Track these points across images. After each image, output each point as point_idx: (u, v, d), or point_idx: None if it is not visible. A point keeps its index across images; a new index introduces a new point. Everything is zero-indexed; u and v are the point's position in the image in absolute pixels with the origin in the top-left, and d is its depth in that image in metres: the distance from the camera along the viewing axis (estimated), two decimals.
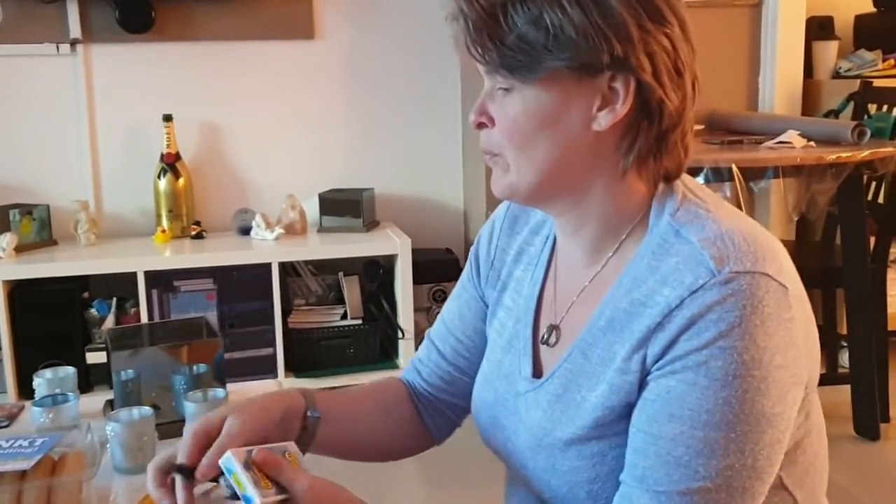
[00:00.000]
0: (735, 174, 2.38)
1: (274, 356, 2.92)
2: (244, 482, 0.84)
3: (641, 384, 0.83)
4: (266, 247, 2.96)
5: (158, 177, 3.01)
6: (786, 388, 0.80)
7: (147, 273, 2.80)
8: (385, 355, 3.07)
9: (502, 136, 0.88)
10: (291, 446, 0.93)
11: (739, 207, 2.46)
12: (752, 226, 0.86)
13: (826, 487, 0.97)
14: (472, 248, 1.11)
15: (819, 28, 3.40)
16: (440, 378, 1.13)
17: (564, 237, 0.97)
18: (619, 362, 0.85)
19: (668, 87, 0.85)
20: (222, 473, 0.86)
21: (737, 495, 0.79)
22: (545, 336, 0.97)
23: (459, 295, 1.13)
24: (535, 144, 0.87)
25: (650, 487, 0.81)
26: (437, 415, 1.15)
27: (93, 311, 2.86)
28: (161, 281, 2.88)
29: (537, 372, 0.96)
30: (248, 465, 0.85)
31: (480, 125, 0.90)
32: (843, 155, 2.43)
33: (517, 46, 0.83)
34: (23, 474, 1.08)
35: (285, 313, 2.98)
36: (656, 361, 0.82)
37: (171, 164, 3.00)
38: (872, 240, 2.74)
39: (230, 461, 0.85)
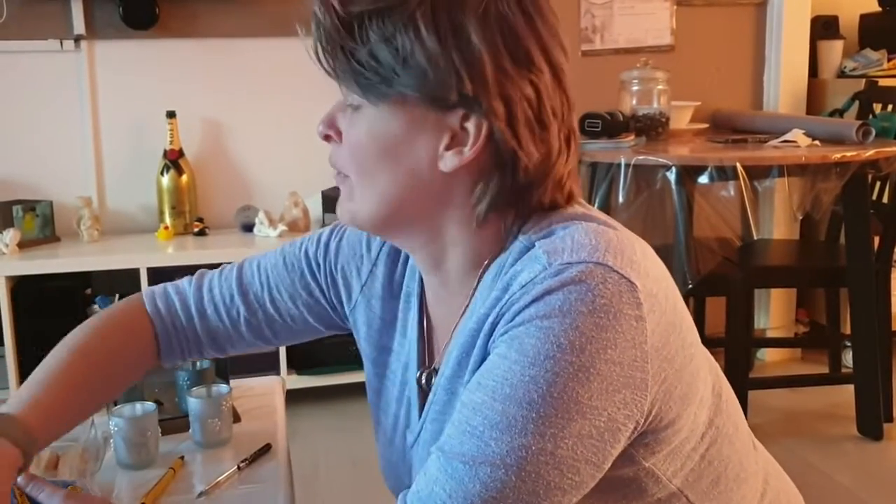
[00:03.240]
0: (739, 173, 2.38)
1: (276, 353, 2.91)
2: None
3: None
4: (269, 244, 2.95)
5: (161, 173, 3.01)
6: (615, 386, 0.73)
7: (150, 270, 2.80)
8: None
9: (346, 153, 0.84)
10: (80, 482, 0.97)
11: (744, 206, 2.47)
12: (614, 231, 0.80)
13: (747, 490, 0.92)
14: (324, 258, 1.04)
15: (824, 27, 3.39)
16: (226, 318, 1.08)
17: (427, 274, 0.92)
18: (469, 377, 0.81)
19: (526, 138, 0.79)
20: None
21: (528, 480, 0.72)
22: (424, 382, 0.93)
23: (292, 268, 1.06)
24: (377, 171, 0.82)
25: (443, 452, 0.76)
26: (178, 345, 1.10)
27: (95, 307, 2.86)
28: (164, 277, 2.85)
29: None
30: (12, 492, 0.88)
31: (327, 137, 0.86)
32: (848, 154, 2.43)
33: (367, 63, 0.78)
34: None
35: None
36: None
37: (174, 160, 3.00)
38: (877, 239, 2.73)
39: None
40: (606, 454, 0.75)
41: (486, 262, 0.85)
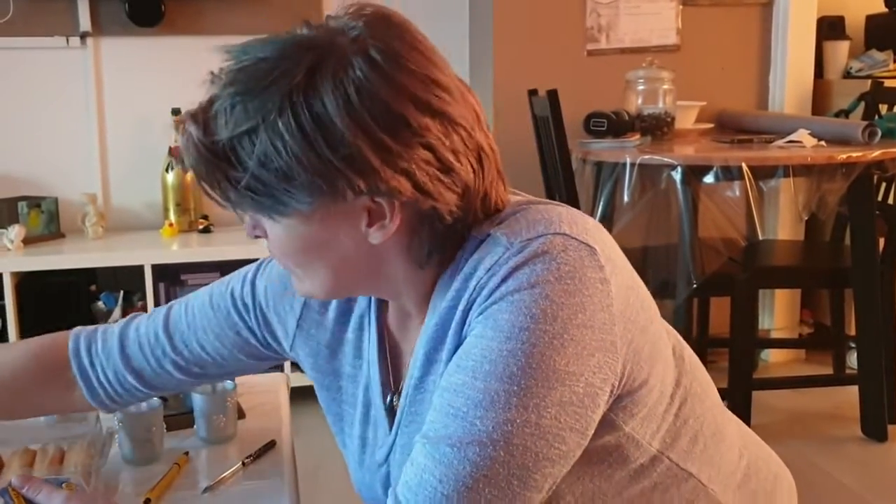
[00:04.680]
0: (745, 173, 2.37)
1: None
2: None
3: None
4: None
5: (166, 170, 3.01)
6: (588, 350, 0.75)
7: (154, 266, 2.81)
8: None
9: (277, 252, 0.84)
10: (74, 477, 0.96)
11: (749, 206, 2.47)
12: (561, 206, 0.83)
13: (725, 449, 0.93)
14: (252, 301, 1.02)
15: (830, 28, 3.39)
16: (151, 358, 1.05)
17: (389, 303, 0.93)
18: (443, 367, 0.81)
19: (438, 192, 0.78)
20: None
21: (517, 453, 0.73)
22: (391, 400, 0.93)
23: (218, 309, 1.03)
24: (310, 265, 0.83)
25: (428, 439, 0.75)
26: (100, 385, 1.07)
27: (100, 303, 2.87)
28: (168, 274, 2.88)
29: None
30: (6, 491, 0.89)
31: (257, 237, 0.85)
32: (854, 155, 2.43)
33: (254, 187, 0.77)
34: (31, 464, 1.08)
35: None
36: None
37: (179, 157, 3.00)
38: (882, 240, 2.73)
39: None
40: (588, 420, 0.77)
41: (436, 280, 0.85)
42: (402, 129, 0.75)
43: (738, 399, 2.57)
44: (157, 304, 2.82)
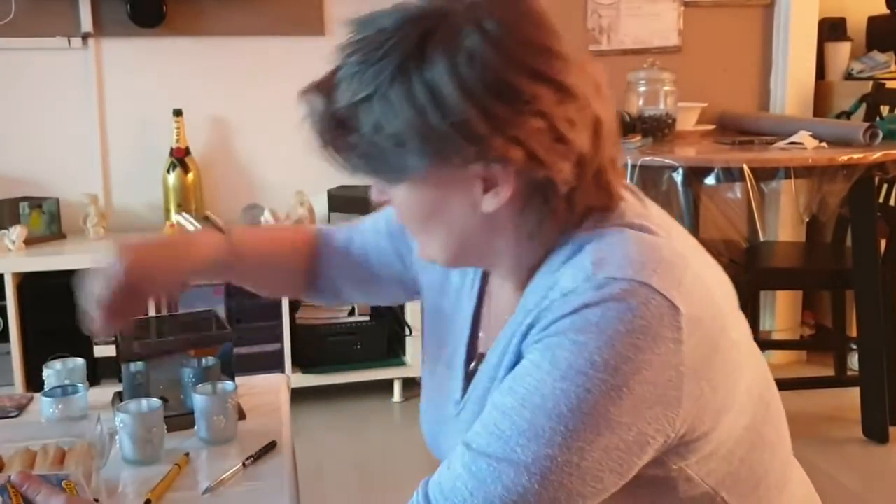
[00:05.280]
0: (746, 174, 2.37)
1: (281, 351, 2.92)
2: None
3: None
4: None
5: (168, 171, 3.01)
6: (647, 404, 0.74)
7: None
8: (392, 352, 3.07)
9: (400, 217, 0.88)
10: (74, 475, 0.95)
11: (750, 208, 2.47)
12: (667, 243, 0.80)
13: (787, 499, 0.92)
14: (392, 222, 1.09)
15: (831, 29, 3.39)
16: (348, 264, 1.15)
17: (495, 273, 0.95)
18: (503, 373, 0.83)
19: (552, 160, 0.78)
20: None
21: (550, 488, 0.73)
22: (474, 365, 0.96)
23: (378, 232, 1.13)
24: (428, 231, 0.86)
25: (470, 449, 0.77)
26: (328, 281, 1.17)
27: None
28: None
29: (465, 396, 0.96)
30: (5, 489, 0.88)
31: (383, 203, 0.89)
32: (855, 156, 2.42)
33: (371, 153, 0.80)
34: (31, 464, 1.08)
35: (293, 309, 2.98)
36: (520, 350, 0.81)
37: (180, 158, 3.00)
38: (883, 242, 2.73)
39: None
40: (632, 465, 0.76)
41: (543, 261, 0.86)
42: (514, 98, 0.76)
43: None
44: (157, 305, 2.81)
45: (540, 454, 0.73)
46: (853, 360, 3.02)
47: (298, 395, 1.28)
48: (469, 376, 0.95)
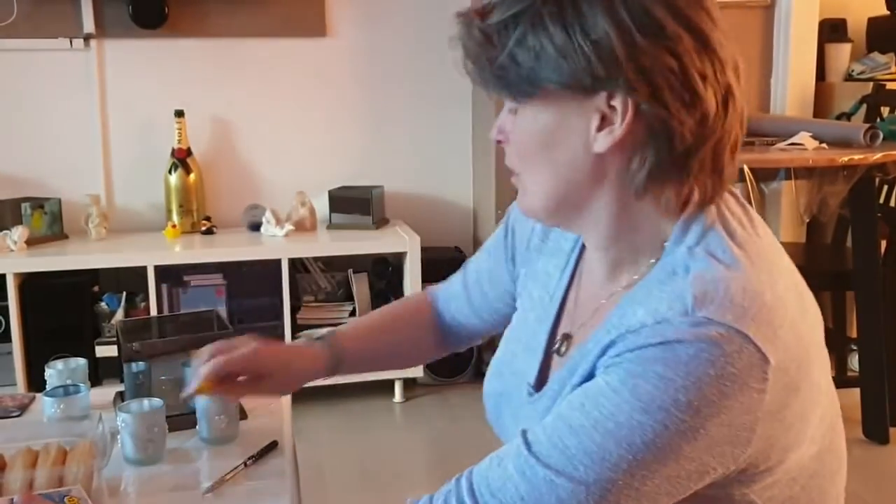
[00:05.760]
0: (746, 175, 2.38)
1: None
2: None
3: None
4: (276, 243, 2.96)
5: (169, 172, 3.02)
6: (718, 444, 0.74)
7: (157, 268, 2.81)
8: None
9: (514, 152, 0.88)
10: (76, 490, 0.95)
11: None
12: (772, 282, 0.78)
13: None
14: (508, 220, 1.11)
15: (832, 30, 3.38)
16: (461, 314, 1.20)
17: (591, 250, 0.94)
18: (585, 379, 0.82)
19: (676, 107, 0.78)
20: None
21: None
22: (558, 345, 0.96)
23: (489, 254, 1.15)
24: (539, 165, 0.86)
25: (530, 453, 0.77)
26: (452, 335, 1.22)
27: (103, 304, 2.88)
28: (171, 276, 2.89)
29: (542, 379, 0.95)
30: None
31: (499, 142, 0.90)
32: (855, 157, 2.43)
33: (509, 66, 0.82)
34: (33, 464, 1.09)
35: (294, 309, 2.98)
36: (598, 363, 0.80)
37: (182, 159, 3.01)
38: (883, 243, 2.73)
39: None
40: (688, 490, 0.77)
41: (648, 255, 0.85)
42: (655, 31, 0.77)
43: None
44: (159, 305, 2.83)
45: (603, 477, 0.74)
46: (853, 361, 3.03)
47: (299, 395, 1.29)
48: (547, 357, 0.96)
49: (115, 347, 2.08)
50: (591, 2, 0.78)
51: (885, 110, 2.97)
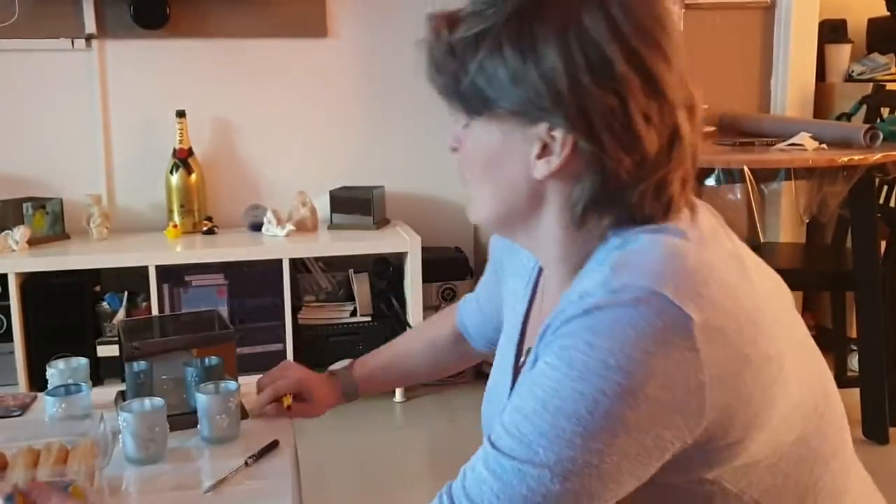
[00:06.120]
0: (746, 175, 2.38)
1: (283, 352, 2.93)
2: None
3: None
4: (277, 243, 2.97)
5: (171, 172, 3.02)
6: (665, 411, 0.75)
7: (158, 268, 2.82)
8: None
9: (463, 162, 0.91)
10: (79, 479, 0.97)
11: (750, 209, 2.47)
12: (699, 250, 0.80)
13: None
14: (493, 243, 1.17)
15: (832, 31, 3.39)
16: (481, 329, 1.29)
17: (544, 266, 0.97)
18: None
19: (613, 147, 0.80)
20: None
21: (571, 489, 0.76)
22: (523, 360, 0.98)
23: (487, 272, 1.22)
24: (483, 181, 0.89)
25: (495, 450, 0.79)
26: (479, 343, 1.32)
27: (104, 304, 2.88)
28: (172, 276, 2.89)
29: None
30: (12, 496, 0.90)
31: (455, 149, 0.92)
32: (855, 158, 2.43)
33: (466, 83, 0.84)
34: (35, 463, 1.09)
35: (295, 309, 2.99)
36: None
37: (183, 159, 3.01)
38: (883, 243, 2.73)
39: None
40: (650, 468, 0.78)
41: (584, 263, 0.87)
42: (604, 71, 0.79)
43: None
44: (160, 305, 2.84)
45: (563, 456, 0.75)
46: (853, 361, 3.03)
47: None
48: (516, 374, 0.99)
49: (116, 347, 2.09)
50: (546, 34, 0.80)
51: (885, 111, 2.97)
